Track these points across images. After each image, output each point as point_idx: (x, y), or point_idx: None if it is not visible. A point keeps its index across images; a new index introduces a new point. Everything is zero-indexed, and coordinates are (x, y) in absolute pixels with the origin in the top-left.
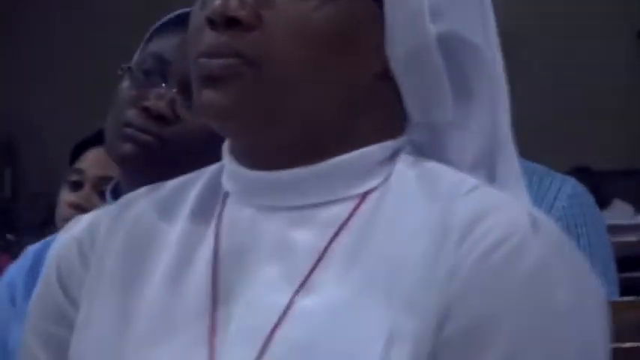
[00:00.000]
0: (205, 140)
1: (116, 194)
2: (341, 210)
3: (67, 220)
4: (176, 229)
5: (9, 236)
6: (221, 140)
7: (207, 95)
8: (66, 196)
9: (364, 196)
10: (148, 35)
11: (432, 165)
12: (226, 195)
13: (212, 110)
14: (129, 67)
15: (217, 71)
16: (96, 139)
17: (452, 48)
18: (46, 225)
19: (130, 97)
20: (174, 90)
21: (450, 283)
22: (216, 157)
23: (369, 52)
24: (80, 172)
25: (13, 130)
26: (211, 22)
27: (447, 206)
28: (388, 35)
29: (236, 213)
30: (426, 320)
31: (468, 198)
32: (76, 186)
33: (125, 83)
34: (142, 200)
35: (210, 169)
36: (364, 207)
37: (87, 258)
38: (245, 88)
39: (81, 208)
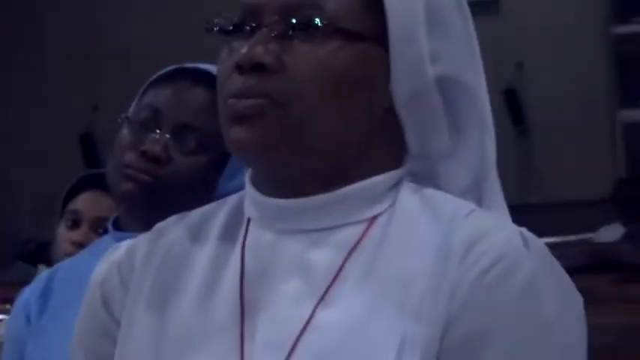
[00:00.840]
0: (194, 178)
1: (116, 227)
2: (353, 232)
3: (67, 254)
4: (205, 252)
5: None
6: (206, 179)
7: (237, 132)
8: (65, 234)
9: (373, 219)
10: (142, 89)
11: (432, 191)
12: (249, 220)
13: (241, 145)
14: (127, 117)
15: (245, 110)
16: (87, 183)
17: (448, 88)
18: None
19: (128, 143)
20: (166, 135)
21: (453, 297)
22: (202, 193)
23: (377, 92)
24: (77, 212)
25: None
26: (239, 68)
27: (448, 228)
28: (393, 77)
29: (259, 236)
30: (433, 329)
31: (466, 221)
32: (74, 225)
33: (124, 130)
34: (173, 227)
35: (232, 198)
36: (374, 229)
37: (126, 281)
38: (270, 124)
39: (80, 245)
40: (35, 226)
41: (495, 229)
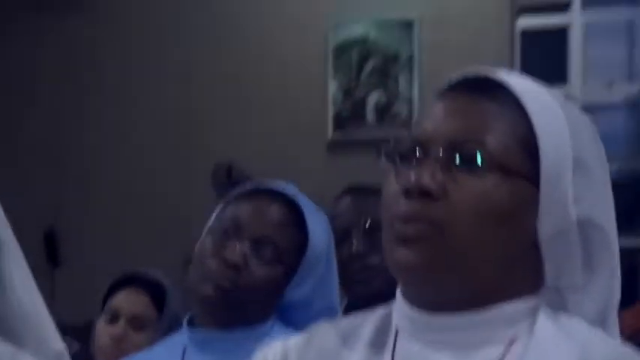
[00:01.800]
0: (268, 286)
1: (191, 324)
2: (495, 349)
3: (105, 346)
4: (356, 357)
5: None
6: (277, 287)
7: (401, 253)
8: (104, 328)
9: (513, 339)
10: (225, 201)
11: (565, 317)
12: (398, 331)
13: (404, 266)
14: (210, 227)
15: (410, 234)
16: (126, 281)
17: (586, 228)
18: None
19: (211, 250)
20: (246, 246)
21: None
22: (272, 299)
23: (525, 226)
24: (116, 308)
25: None
26: (407, 192)
27: (582, 351)
28: (540, 214)
29: (408, 346)
30: None
31: (599, 346)
32: (113, 320)
33: (207, 239)
34: (325, 332)
35: (380, 310)
36: (514, 348)
37: None
38: (432, 248)
39: (117, 339)
40: None
41: (626, 355)
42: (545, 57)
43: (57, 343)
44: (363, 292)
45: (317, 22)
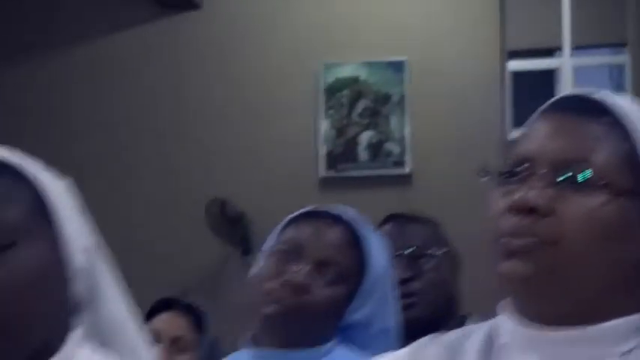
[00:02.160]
0: (329, 307)
1: (255, 342)
2: None
3: None
4: None
5: None
6: (338, 308)
7: (509, 266)
8: None
9: (622, 355)
10: (283, 224)
11: None
12: (503, 346)
13: (513, 278)
14: (269, 250)
15: (517, 248)
16: (165, 305)
17: None
18: None
19: (273, 272)
20: (308, 267)
21: None
22: (332, 320)
23: (633, 243)
24: (157, 331)
25: None
26: (514, 209)
27: None
28: None
29: None
30: None
31: None
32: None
33: (268, 260)
34: (430, 345)
35: (485, 325)
36: None
37: None
38: (540, 261)
39: None
40: None
41: None
42: (536, 98)
43: (147, 353)
44: (406, 317)
45: (308, 63)
